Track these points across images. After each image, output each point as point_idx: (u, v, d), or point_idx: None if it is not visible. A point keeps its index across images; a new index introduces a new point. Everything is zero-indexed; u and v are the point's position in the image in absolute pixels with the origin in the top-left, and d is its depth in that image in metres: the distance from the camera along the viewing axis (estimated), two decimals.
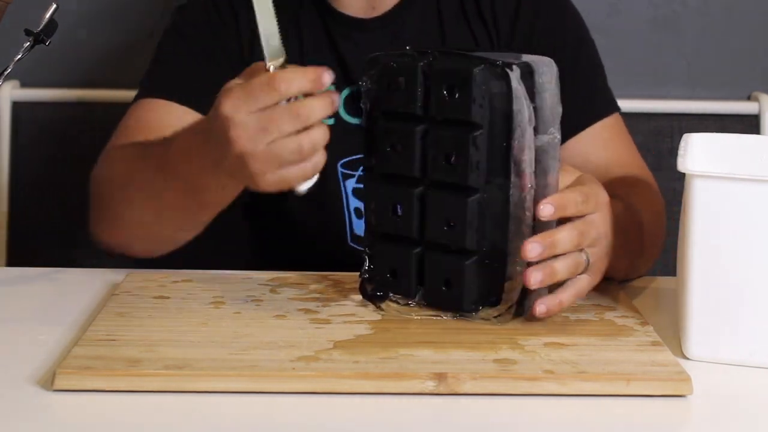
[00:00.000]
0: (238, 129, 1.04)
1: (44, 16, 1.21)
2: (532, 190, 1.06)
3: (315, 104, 1.03)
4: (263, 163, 1.04)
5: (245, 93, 1.04)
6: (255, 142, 1.03)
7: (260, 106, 1.03)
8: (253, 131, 1.03)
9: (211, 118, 1.09)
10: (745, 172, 1.12)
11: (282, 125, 1.03)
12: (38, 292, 1.22)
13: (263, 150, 1.04)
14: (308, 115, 1.03)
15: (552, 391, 0.97)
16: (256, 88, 1.03)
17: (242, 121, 1.03)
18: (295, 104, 1.03)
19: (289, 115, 1.03)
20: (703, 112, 1.90)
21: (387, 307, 1.12)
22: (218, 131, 1.06)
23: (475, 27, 1.44)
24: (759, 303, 1.02)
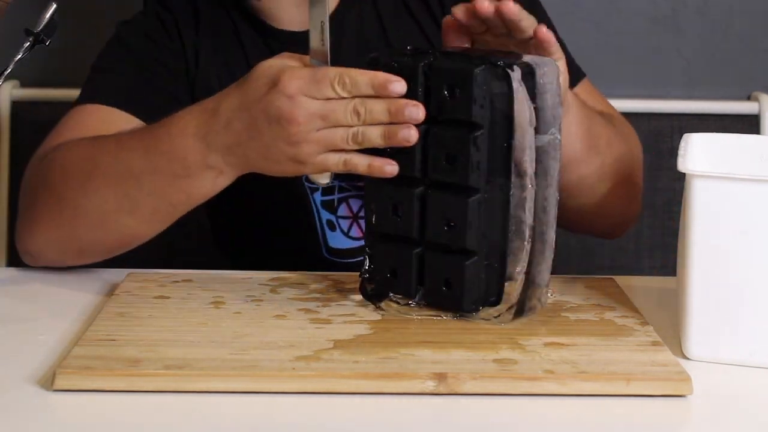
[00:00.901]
0: (300, 109, 1.07)
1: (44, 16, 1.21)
2: (533, 191, 1.06)
3: (375, 108, 1.07)
4: (313, 145, 1.08)
5: (314, 80, 1.07)
6: (311, 125, 1.07)
7: (325, 96, 1.07)
8: (312, 115, 1.07)
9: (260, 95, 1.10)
10: (745, 172, 1.12)
11: (339, 117, 1.07)
12: (38, 292, 1.22)
13: (316, 134, 1.08)
14: (366, 116, 1.07)
15: (552, 391, 0.97)
16: (324, 79, 1.07)
17: (305, 103, 1.07)
18: (356, 103, 1.07)
19: (349, 111, 1.07)
20: (703, 112, 1.90)
21: (387, 307, 1.12)
22: (274, 106, 1.08)
23: (421, 18, 1.42)
24: (759, 303, 1.02)
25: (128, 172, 1.18)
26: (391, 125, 1.07)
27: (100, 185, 1.21)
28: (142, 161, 1.18)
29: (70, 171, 1.24)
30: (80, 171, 1.22)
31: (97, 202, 1.21)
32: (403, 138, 1.06)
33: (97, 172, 1.21)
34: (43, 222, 1.25)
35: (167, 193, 1.18)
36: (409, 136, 1.06)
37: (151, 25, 1.43)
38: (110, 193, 1.20)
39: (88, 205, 1.22)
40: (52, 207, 1.25)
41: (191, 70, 1.41)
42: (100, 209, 1.21)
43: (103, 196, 1.20)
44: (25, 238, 1.28)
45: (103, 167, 1.20)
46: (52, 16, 1.21)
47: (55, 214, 1.24)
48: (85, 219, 1.22)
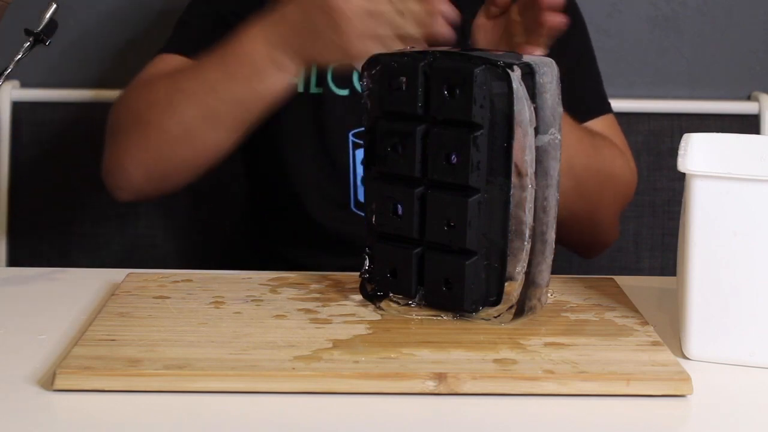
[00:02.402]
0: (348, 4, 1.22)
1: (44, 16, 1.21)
2: (533, 191, 1.06)
3: (416, 8, 1.22)
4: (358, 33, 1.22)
5: None
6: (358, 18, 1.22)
7: None
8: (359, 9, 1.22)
9: None
10: (745, 172, 1.12)
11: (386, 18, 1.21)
12: (38, 292, 1.22)
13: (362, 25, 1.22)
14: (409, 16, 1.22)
15: (552, 391, 0.97)
16: None
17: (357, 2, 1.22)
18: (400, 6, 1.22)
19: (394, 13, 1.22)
20: (703, 112, 1.90)
21: (387, 307, 1.12)
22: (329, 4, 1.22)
23: None
24: (759, 303, 1.02)
25: (206, 84, 1.31)
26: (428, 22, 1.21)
27: (182, 102, 1.32)
28: (217, 71, 1.30)
29: (154, 97, 1.35)
30: (163, 95, 1.34)
31: (181, 119, 1.32)
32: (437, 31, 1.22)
33: (178, 91, 1.32)
34: (130, 149, 1.36)
35: (242, 97, 1.29)
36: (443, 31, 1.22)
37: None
38: (192, 107, 1.31)
39: (172, 124, 1.33)
40: (139, 133, 1.36)
41: None
42: (184, 125, 1.32)
43: (185, 111, 1.32)
44: (113, 171, 1.39)
45: (184, 85, 1.32)
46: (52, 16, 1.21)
47: (142, 138, 1.35)
48: (171, 137, 1.33)
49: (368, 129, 1.13)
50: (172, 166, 1.35)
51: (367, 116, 1.13)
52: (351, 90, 1.49)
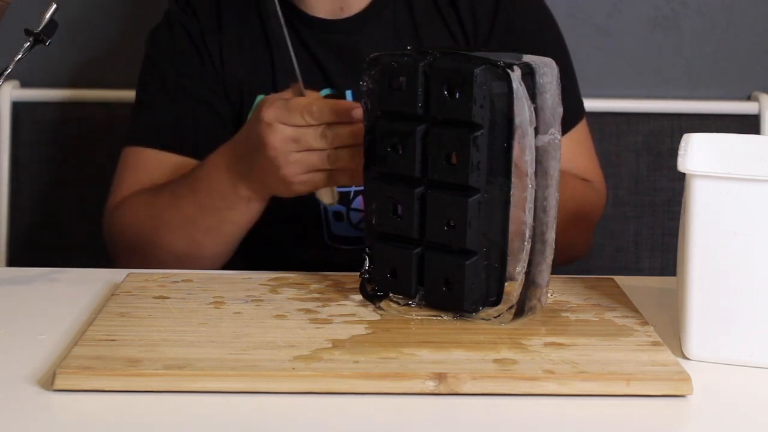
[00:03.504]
0: (276, 134, 1.20)
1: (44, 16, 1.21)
2: (533, 191, 1.06)
3: (341, 131, 1.19)
4: (293, 166, 1.21)
5: (286, 108, 1.20)
6: (286, 148, 1.20)
7: (295, 123, 1.20)
8: (286, 139, 1.20)
9: (250, 126, 1.25)
10: (745, 172, 1.12)
11: (310, 141, 1.20)
12: (38, 292, 1.22)
13: (293, 156, 1.21)
14: (333, 139, 1.20)
15: (552, 391, 0.97)
16: (294, 108, 1.20)
17: (279, 129, 1.20)
18: (324, 128, 1.20)
19: (317, 135, 1.20)
20: (703, 112, 1.90)
21: (387, 307, 1.12)
22: (256, 135, 1.22)
23: (451, 24, 1.45)
24: (759, 303, 1.02)
25: (185, 218, 1.34)
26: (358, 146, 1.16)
27: (167, 235, 1.36)
28: (191, 205, 1.33)
29: (140, 231, 1.39)
30: (148, 229, 1.38)
31: (169, 249, 1.36)
32: None
33: (161, 225, 1.36)
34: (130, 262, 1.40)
35: (219, 226, 1.32)
36: None
37: (177, 39, 1.50)
38: (177, 239, 1.36)
39: (163, 254, 1.37)
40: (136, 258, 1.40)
41: (219, 71, 1.48)
42: (175, 253, 1.36)
43: (173, 244, 1.36)
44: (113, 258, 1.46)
45: (165, 219, 1.36)
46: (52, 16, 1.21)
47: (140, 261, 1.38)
48: (166, 262, 1.36)
49: (368, 129, 1.13)
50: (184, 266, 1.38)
51: (367, 116, 1.13)
52: None
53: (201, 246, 1.35)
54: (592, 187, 1.48)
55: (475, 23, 1.45)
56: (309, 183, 1.23)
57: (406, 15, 1.45)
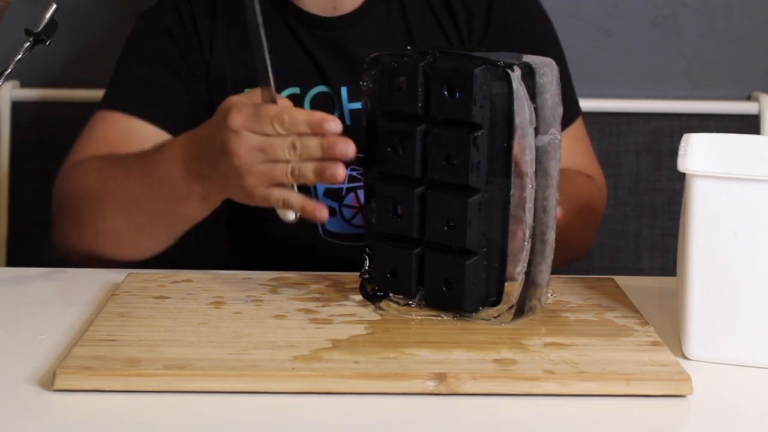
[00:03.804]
0: (241, 143, 1.14)
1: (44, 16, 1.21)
2: (533, 191, 1.06)
3: (311, 144, 1.13)
4: (256, 177, 1.15)
5: (256, 116, 1.14)
6: (252, 158, 1.14)
7: (265, 132, 1.14)
8: (253, 149, 1.14)
9: (214, 128, 1.18)
10: (745, 172, 1.12)
11: (278, 152, 1.13)
12: (38, 292, 1.22)
13: (258, 167, 1.14)
14: (302, 151, 1.13)
15: (552, 391, 0.97)
16: (265, 116, 1.13)
17: (246, 137, 1.14)
18: (294, 139, 1.13)
19: (286, 146, 1.13)
20: (703, 112, 1.90)
21: (387, 307, 1.12)
22: (221, 141, 1.16)
23: (445, 23, 1.45)
24: (759, 303, 1.02)
25: (132, 197, 1.28)
26: (323, 162, 1.12)
27: (110, 209, 1.31)
28: (142, 186, 1.27)
29: (86, 196, 1.33)
30: (94, 196, 1.32)
31: (110, 225, 1.31)
32: (330, 175, 1.12)
33: (107, 197, 1.31)
34: (68, 237, 1.37)
35: (165, 215, 1.27)
36: (335, 173, 1.12)
37: (168, 17, 1.48)
38: (119, 216, 1.30)
39: (103, 227, 1.32)
40: (74, 226, 1.36)
41: (206, 57, 1.46)
42: (113, 230, 1.31)
43: (114, 218, 1.31)
44: (56, 244, 1.40)
45: (112, 193, 1.30)
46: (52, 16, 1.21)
47: (76, 232, 1.35)
48: (103, 238, 1.32)
49: (368, 129, 1.13)
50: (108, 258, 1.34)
51: (367, 116, 1.13)
52: None
53: (141, 230, 1.30)
54: (596, 184, 1.48)
55: (469, 22, 1.45)
56: (266, 197, 1.16)
57: (398, 14, 1.45)
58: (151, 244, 1.31)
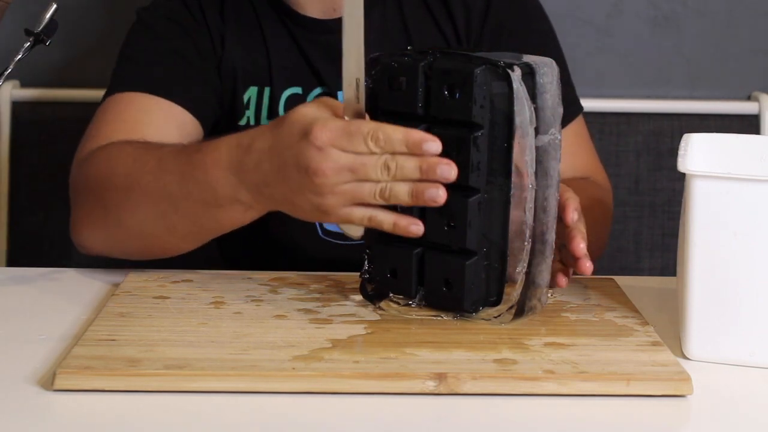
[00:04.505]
0: (328, 161, 1.05)
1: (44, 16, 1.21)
2: (533, 191, 1.06)
3: (407, 165, 1.04)
4: (339, 197, 1.06)
5: (346, 133, 1.05)
6: (339, 177, 1.05)
7: (357, 150, 1.05)
8: (342, 168, 1.05)
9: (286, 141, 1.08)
10: (745, 172, 1.12)
11: (369, 172, 1.05)
12: (38, 292, 1.22)
13: (343, 187, 1.06)
14: (397, 172, 1.05)
15: (552, 391, 0.97)
16: (357, 133, 1.05)
17: (334, 156, 1.05)
18: (388, 158, 1.05)
19: (380, 167, 1.05)
20: (703, 112, 1.90)
21: (387, 308, 1.12)
22: (300, 157, 1.06)
23: (443, 24, 1.45)
24: (759, 303, 1.02)
25: (165, 194, 1.19)
26: (419, 182, 1.05)
27: (140, 202, 1.22)
28: (178, 185, 1.18)
29: (114, 183, 1.25)
30: (123, 185, 1.24)
31: (137, 218, 1.23)
32: (430, 197, 1.04)
33: (138, 189, 1.22)
34: (90, 226, 1.28)
35: (200, 218, 1.18)
36: (437, 196, 1.04)
37: (174, 7, 1.45)
38: (149, 211, 1.21)
39: (129, 220, 1.24)
40: (98, 214, 1.27)
41: (218, 51, 1.44)
42: (140, 225, 1.23)
43: (143, 213, 1.22)
44: (76, 235, 1.31)
45: (144, 185, 1.21)
46: (52, 16, 1.21)
47: (101, 221, 1.27)
48: (128, 231, 1.25)
49: None
50: (131, 251, 1.28)
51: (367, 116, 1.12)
52: None
53: (173, 230, 1.21)
54: (602, 187, 1.48)
55: (468, 21, 1.45)
56: (346, 216, 1.08)
57: (395, 15, 1.45)
58: (178, 244, 1.24)
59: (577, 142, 1.45)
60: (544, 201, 1.07)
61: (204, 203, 1.16)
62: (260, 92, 1.44)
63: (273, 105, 1.43)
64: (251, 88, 1.44)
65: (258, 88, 1.44)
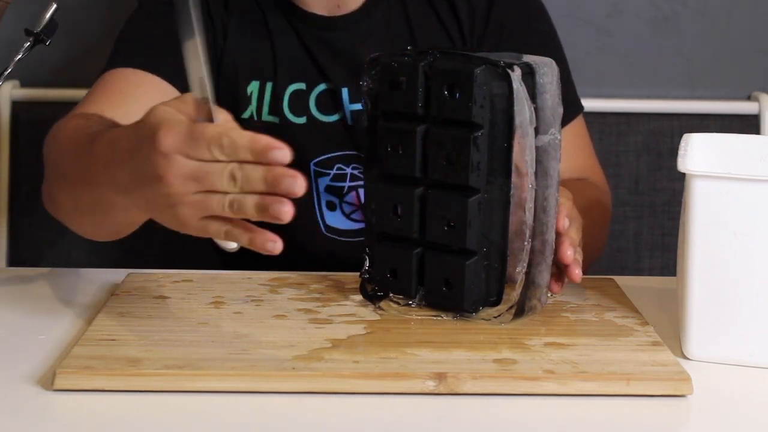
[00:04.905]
0: (172, 169, 0.96)
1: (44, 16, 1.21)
2: (533, 191, 1.06)
3: (252, 175, 0.95)
4: (190, 208, 0.98)
5: (190, 137, 0.96)
6: (185, 187, 0.97)
7: (200, 157, 0.96)
8: (186, 176, 0.97)
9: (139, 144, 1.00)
10: (745, 172, 1.12)
11: (215, 182, 0.96)
12: (38, 292, 1.22)
13: (192, 197, 0.97)
14: (242, 182, 0.96)
15: (552, 391, 0.97)
16: (201, 138, 0.96)
17: (178, 163, 0.96)
18: (234, 168, 0.95)
19: (225, 176, 0.96)
20: (703, 112, 1.90)
21: (387, 308, 1.12)
22: (148, 163, 0.98)
23: (447, 22, 1.45)
24: (759, 303, 1.02)
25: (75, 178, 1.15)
26: (266, 196, 0.95)
27: (60, 182, 1.20)
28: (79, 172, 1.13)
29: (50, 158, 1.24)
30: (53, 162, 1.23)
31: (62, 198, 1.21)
32: (274, 213, 0.95)
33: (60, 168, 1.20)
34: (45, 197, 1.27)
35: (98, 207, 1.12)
36: (280, 212, 0.95)
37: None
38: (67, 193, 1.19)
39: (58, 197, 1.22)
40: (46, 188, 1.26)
41: (219, 43, 1.44)
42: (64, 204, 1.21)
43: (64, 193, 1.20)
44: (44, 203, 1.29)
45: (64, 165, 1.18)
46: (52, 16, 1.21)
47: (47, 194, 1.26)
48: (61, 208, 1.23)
49: (368, 129, 1.13)
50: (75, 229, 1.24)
51: (367, 116, 1.13)
52: (308, 117, 1.43)
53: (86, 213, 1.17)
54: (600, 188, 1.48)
55: (472, 18, 1.45)
56: (203, 229, 0.99)
57: (399, 13, 1.45)
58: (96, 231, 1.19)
59: (576, 142, 1.46)
60: (544, 201, 1.08)
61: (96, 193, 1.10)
62: (262, 86, 1.44)
63: (276, 100, 1.44)
64: (253, 82, 1.44)
65: (260, 83, 1.44)
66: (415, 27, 1.45)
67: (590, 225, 1.22)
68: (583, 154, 1.48)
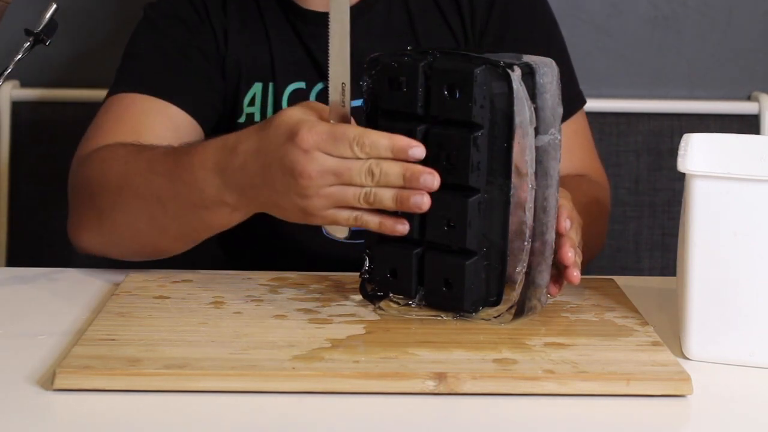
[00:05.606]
0: (313, 164, 1.06)
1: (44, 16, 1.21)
2: (533, 191, 1.06)
3: (391, 171, 1.06)
4: (323, 200, 1.08)
5: (332, 137, 1.06)
6: (323, 180, 1.07)
7: (342, 154, 1.06)
8: (326, 171, 1.07)
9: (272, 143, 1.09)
10: (745, 172, 1.12)
11: (354, 177, 1.07)
12: (38, 292, 1.22)
13: (327, 190, 1.08)
14: (381, 178, 1.06)
15: (552, 391, 0.97)
16: (343, 138, 1.06)
17: (319, 159, 1.06)
18: (372, 164, 1.06)
19: (364, 171, 1.06)
20: (703, 112, 1.90)
21: (387, 308, 1.12)
22: (286, 159, 1.08)
23: (450, 18, 1.45)
24: (759, 303, 1.02)
25: (155, 195, 1.21)
26: (404, 189, 1.06)
27: (131, 204, 1.24)
28: (166, 186, 1.20)
29: (106, 185, 1.26)
30: (115, 187, 1.25)
31: (129, 220, 1.24)
32: (414, 204, 1.06)
33: (129, 191, 1.24)
34: (86, 227, 1.30)
35: (188, 219, 1.20)
36: (421, 203, 1.06)
37: (180, 5, 1.45)
38: (140, 213, 1.23)
39: (121, 222, 1.25)
40: (92, 216, 1.29)
41: (221, 49, 1.45)
42: (132, 226, 1.24)
43: (134, 214, 1.24)
44: (73, 236, 1.32)
45: (134, 187, 1.23)
46: (52, 16, 1.21)
47: (96, 223, 1.28)
48: (121, 233, 1.26)
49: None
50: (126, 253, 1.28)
51: (367, 116, 1.12)
52: None
53: (163, 231, 1.23)
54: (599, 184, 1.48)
55: (473, 14, 1.45)
56: (331, 218, 1.10)
57: (401, 8, 1.45)
58: (171, 245, 1.25)
59: (576, 138, 1.45)
60: (544, 201, 1.08)
61: (191, 204, 1.18)
62: (265, 88, 1.44)
63: (277, 100, 1.44)
64: (256, 84, 1.44)
65: (263, 84, 1.44)
66: (417, 22, 1.45)
67: (589, 222, 1.22)
68: (583, 151, 1.48)
